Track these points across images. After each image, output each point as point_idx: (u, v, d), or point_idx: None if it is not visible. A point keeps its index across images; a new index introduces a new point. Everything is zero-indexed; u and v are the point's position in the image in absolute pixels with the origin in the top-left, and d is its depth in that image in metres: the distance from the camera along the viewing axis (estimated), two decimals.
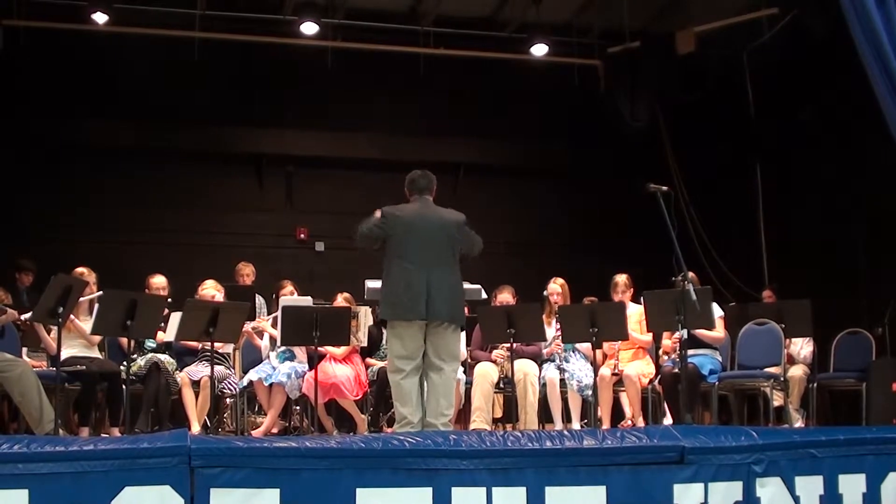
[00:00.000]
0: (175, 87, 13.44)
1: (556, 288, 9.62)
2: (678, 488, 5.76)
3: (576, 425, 9.20)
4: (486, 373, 9.23)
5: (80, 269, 9.05)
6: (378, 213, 7.78)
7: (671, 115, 14.39)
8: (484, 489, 5.54)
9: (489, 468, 5.58)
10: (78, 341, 8.85)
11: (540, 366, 9.43)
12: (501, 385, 9.41)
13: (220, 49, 13.16)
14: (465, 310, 8.09)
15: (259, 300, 10.44)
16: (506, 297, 9.69)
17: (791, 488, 5.99)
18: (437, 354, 7.58)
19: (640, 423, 9.17)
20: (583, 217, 14.82)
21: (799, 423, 9.72)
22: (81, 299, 8.59)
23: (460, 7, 13.74)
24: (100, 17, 12.60)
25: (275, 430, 9.32)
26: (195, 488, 5.24)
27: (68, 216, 13.64)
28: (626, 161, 14.03)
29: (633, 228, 13.05)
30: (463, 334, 8.18)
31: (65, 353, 8.34)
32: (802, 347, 10.41)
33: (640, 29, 13.66)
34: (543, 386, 9.29)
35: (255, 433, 9.19)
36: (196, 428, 8.82)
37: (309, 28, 13.03)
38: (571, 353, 9.49)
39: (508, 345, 9.00)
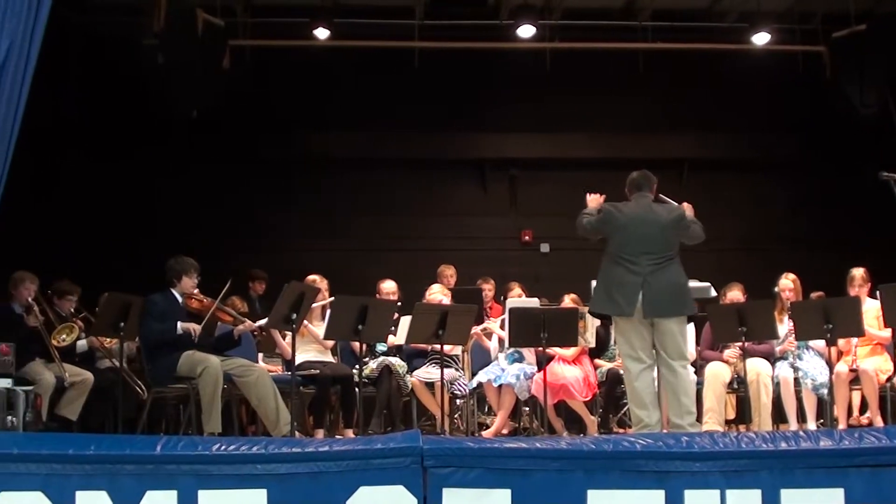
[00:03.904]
0: (397, 96, 13.74)
1: (787, 283, 9.34)
2: None
3: (811, 425, 8.90)
4: (718, 373, 9.03)
5: (312, 277, 9.36)
6: (590, 198, 7.87)
7: None
8: (717, 492, 5.43)
9: (722, 470, 5.47)
10: (312, 346, 9.12)
11: (773, 364, 9.17)
12: (734, 385, 9.21)
13: (440, 57, 13.34)
14: (695, 305, 7.94)
15: None
16: (736, 294, 9.46)
17: None
18: (668, 352, 7.53)
19: (879, 422, 8.81)
20: (813, 210, 14.37)
21: None
22: (314, 305, 8.83)
23: (677, 0, 13.54)
24: (321, 33, 12.95)
25: (505, 431, 9.37)
26: (428, 488, 5.32)
27: (297, 226, 14.15)
28: (856, 150, 13.53)
29: (868, 220, 12.57)
30: (692, 334, 8.05)
31: (299, 358, 8.60)
32: None
33: (866, 11, 13.10)
34: (777, 385, 9.02)
35: (486, 434, 9.27)
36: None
37: (526, 31, 13.06)
38: (805, 350, 9.20)
39: (740, 344, 8.80)
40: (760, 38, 13.27)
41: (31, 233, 11.30)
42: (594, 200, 7.98)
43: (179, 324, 8.21)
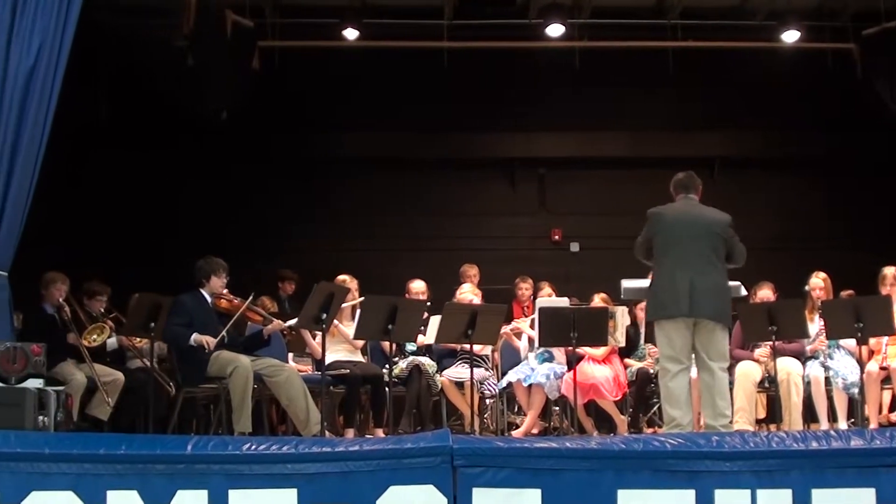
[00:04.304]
0: (426, 96, 13.77)
1: (818, 282, 9.29)
2: None
3: (842, 425, 8.83)
4: (749, 372, 8.98)
5: (342, 277, 9.38)
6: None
7: None
8: (748, 491, 5.41)
9: (753, 470, 5.45)
10: (342, 346, 9.14)
11: (803, 363, 9.12)
12: (765, 384, 9.16)
13: (468, 57, 13.33)
14: (730, 317, 7.90)
15: None
16: (766, 293, 9.40)
17: None
18: (707, 354, 7.47)
19: None
20: (843, 208, 14.29)
21: None
22: (344, 305, 8.85)
23: None
24: (350, 34, 12.96)
25: (535, 431, 9.36)
26: (458, 488, 5.33)
27: (326, 226, 14.20)
28: (887, 148, 13.43)
29: None
30: None
31: (329, 358, 8.62)
32: None
33: None
34: (807, 384, 8.97)
35: (516, 433, 9.26)
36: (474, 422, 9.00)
37: (555, 30, 13.02)
38: (836, 349, 9.13)
39: (770, 343, 8.75)
40: (790, 36, 13.18)
41: (62, 233, 11.37)
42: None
43: (194, 336, 8.21)
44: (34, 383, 6.70)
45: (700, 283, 7.38)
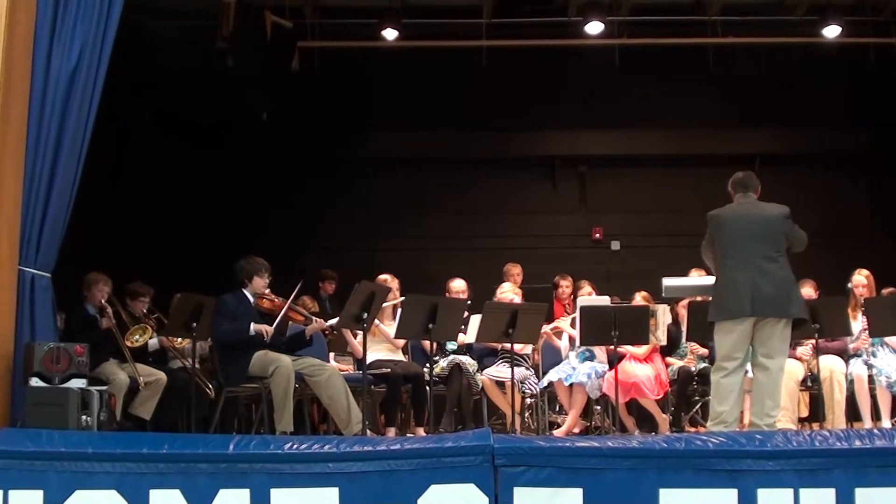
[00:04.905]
0: (465, 95, 13.77)
1: (861, 280, 9.23)
2: None
3: (886, 423, 8.75)
4: (791, 371, 8.90)
5: (382, 276, 9.40)
6: None
7: None
8: (791, 490, 5.38)
9: (796, 469, 5.42)
10: (383, 345, 9.15)
11: (846, 362, 9.05)
12: (808, 383, 9.09)
13: (507, 55, 13.32)
14: (804, 308, 7.80)
15: None
16: (808, 291, 9.32)
17: None
18: (765, 352, 7.39)
19: None
20: (886, 205, 14.13)
21: None
22: (385, 304, 8.85)
23: None
24: (389, 34, 12.99)
25: (576, 430, 9.34)
26: (499, 487, 5.33)
27: (366, 225, 14.23)
28: None
29: None
30: None
31: (370, 357, 8.65)
32: None
33: None
34: (851, 382, 8.89)
35: (557, 433, 9.24)
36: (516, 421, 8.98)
37: (594, 27, 12.98)
38: (879, 347, 9.05)
39: (813, 341, 8.68)
40: (831, 31, 13.07)
41: (104, 233, 11.46)
42: None
43: (252, 325, 8.27)
44: (77, 383, 6.76)
45: (762, 281, 7.31)
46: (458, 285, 9.79)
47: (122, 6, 7.17)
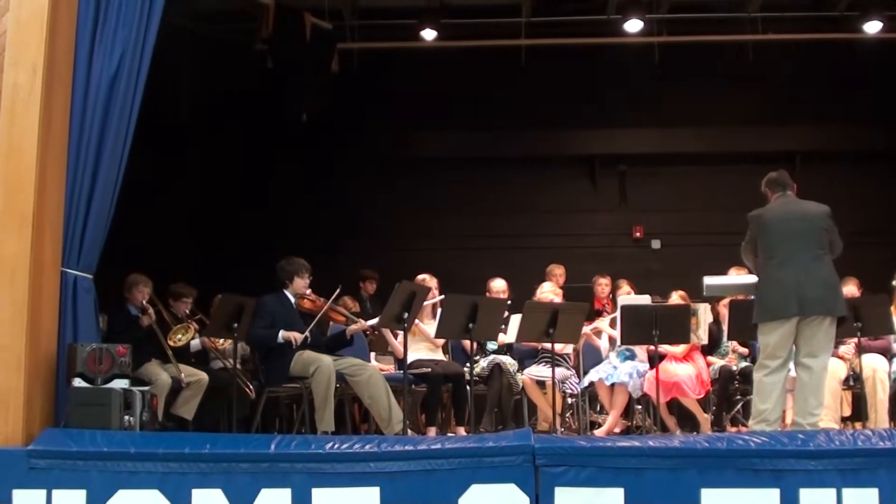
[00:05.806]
0: (504, 94, 13.78)
1: None
2: None
3: None
4: (833, 369, 8.81)
5: (422, 276, 9.41)
6: None
7: None
8: (833, 490, 5.35)
9: (839, 469, 5.39)
10: (423, 344, 9.15)
11: (889, 360, 8.97)
12: (850, 382, 9.02)
13: (547, 54, 13.31)
14: (845, 307, 7.74)
15: None
16: (850, 289, 9.24)
17: None
18: (809, 350, 7.33)
19: None
20: None
21: None
22: (425, 304, 8.87)
23: None
24: (428, 34, 13.00)
25: (617, 430, 9.30)
26: (540, 486, 5.33)
27: (407, 225, 14.27)
28: None
29: None
30: None
31: (411, 357, 8.64)
32: None
33: None
34: (894, 381, 8.82)
35: (598, 432, 9.21)
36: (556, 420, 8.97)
37: (633, 25, 12.94)
38: None
39: (855, 339, 8.61)
40: (872, 27, 12.95)
41: (146, 234, 11.54)
42: None
43: (281, 332, 8.29)
44: (120, 383, 6.80)
45: (806, 280, 7.25)
46: (499, 285, 9.78)
47: (162, 9, 7.22)
